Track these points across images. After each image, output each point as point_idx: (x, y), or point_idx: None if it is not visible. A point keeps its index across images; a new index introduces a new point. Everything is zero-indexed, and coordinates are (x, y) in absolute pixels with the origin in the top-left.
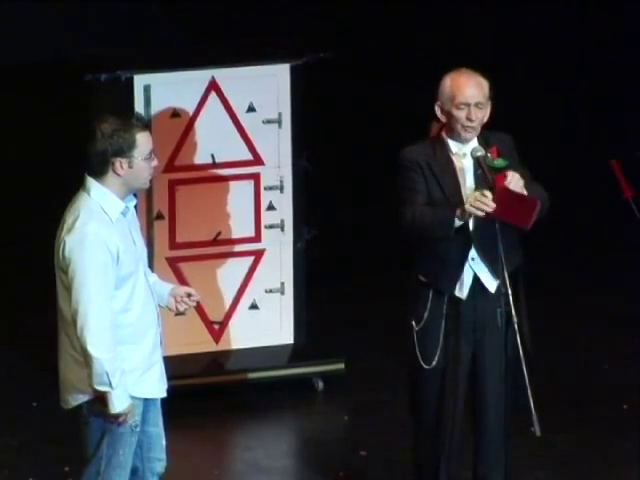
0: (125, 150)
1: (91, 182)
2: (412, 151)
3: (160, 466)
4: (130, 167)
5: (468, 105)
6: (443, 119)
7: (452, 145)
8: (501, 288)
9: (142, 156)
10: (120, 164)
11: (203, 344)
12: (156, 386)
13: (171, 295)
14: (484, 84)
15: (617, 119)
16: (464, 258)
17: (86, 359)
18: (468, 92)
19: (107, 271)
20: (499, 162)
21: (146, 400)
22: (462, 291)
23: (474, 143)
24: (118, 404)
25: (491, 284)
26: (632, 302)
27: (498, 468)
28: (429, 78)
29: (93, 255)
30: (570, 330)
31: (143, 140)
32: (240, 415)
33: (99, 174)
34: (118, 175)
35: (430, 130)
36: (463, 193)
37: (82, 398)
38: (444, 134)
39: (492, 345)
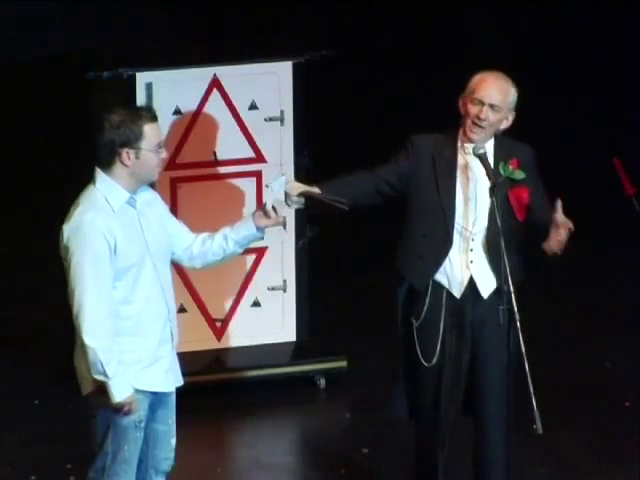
0: (132, 141)
1: (98, 173)
2: (422, 139)
3: (167, 465)
4: (137, 158)
5: (482, 103)
6: (462, 112)
7: (465, 142)
8: (503, 287)
9: (149, 147)
10: (127, 155)
11: (205, 341)
12: (162, 380)
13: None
14: (509, 91)
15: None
16: (442, 257)
17: (82, 348)
18: (486, 91)
19: (104, 260)
20: (518, 174)
21: (155, 396)
22: (458, 291)
23: (489, 146)
24: (117, 394)
25: (485, 289)
26: (633, 300)
27: (499, 466)
28: (430, 76)
29: (88, 243)
30: (570, 329)
31: (151, 131)
32: (242, 412)
33: (107, 165)
34: (125, 166)
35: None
36: (457, 195)
37: (89, 388)
38: (460, 130)
39: (492, 344)
